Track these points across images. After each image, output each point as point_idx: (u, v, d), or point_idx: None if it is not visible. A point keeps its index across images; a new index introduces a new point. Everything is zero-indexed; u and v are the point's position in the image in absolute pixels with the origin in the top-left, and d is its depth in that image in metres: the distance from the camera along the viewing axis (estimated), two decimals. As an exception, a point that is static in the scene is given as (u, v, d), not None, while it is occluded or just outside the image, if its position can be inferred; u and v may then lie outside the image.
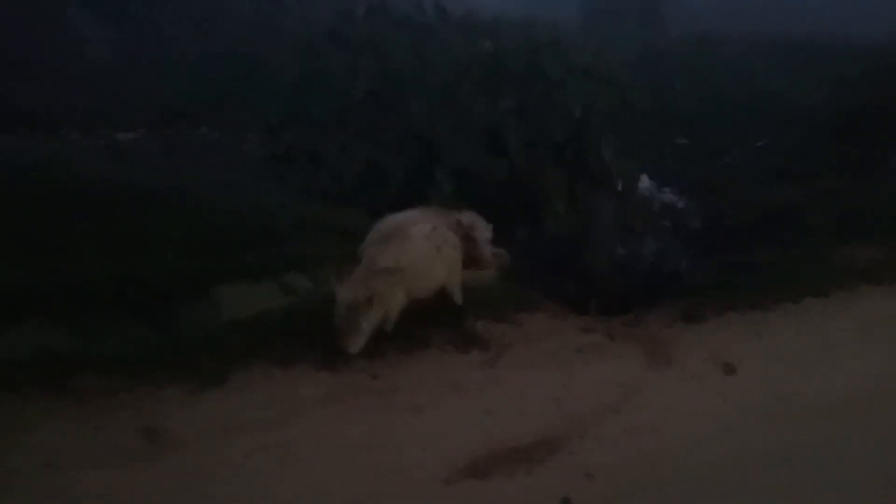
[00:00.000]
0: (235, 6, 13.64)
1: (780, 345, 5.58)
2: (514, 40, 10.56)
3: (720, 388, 4.96)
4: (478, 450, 4.23)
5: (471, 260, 5.76)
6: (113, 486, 3.83)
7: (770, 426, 4.51)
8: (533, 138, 9.65)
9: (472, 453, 4.20)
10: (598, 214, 9.10)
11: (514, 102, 9.56)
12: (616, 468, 4.08)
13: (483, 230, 5.89)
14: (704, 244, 8.74)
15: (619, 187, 9.92)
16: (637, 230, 9.33)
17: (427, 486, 3.99)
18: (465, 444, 4.29)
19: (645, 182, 10.67)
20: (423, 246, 5.28)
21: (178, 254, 6.60)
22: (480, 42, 10.50)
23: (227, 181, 8.55)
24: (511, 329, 5.76)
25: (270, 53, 11.80)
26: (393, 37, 10.83)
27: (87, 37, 12.84)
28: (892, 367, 5.19)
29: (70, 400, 4.49)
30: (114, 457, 4.04)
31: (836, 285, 6.46)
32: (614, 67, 10.75)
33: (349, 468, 4.11)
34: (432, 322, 5.56)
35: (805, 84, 13.00)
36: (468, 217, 5.92)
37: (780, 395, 4.86)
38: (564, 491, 3.90)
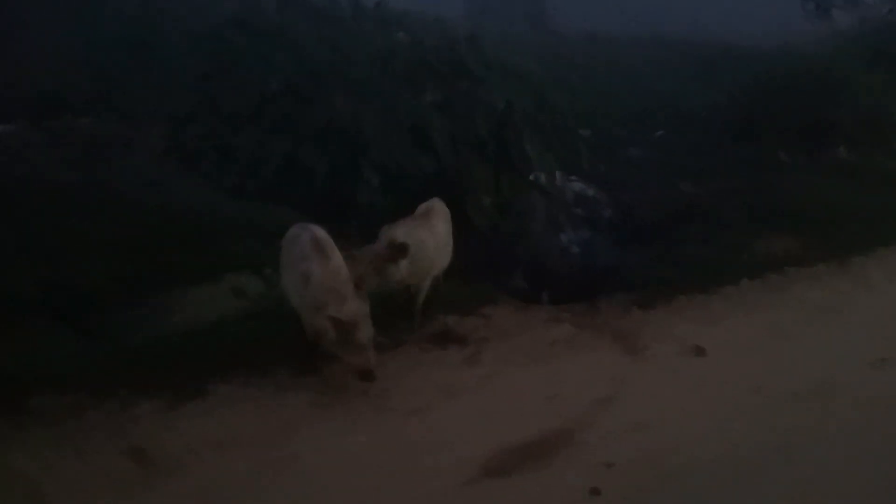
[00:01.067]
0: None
1: (735, 328, 5.85)
2: (430, 35, 10.47)
3: (699, 371, 5.12)
4: (489, 450, 4.16)
5: None
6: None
7: (758, 407, 4.71)
8: (457, 133, 9.62)
9: (484, 454, 4.12)
10: (531, 208, 9.21)
11: (439, 97, 9.49)
12: (632, 458, 4.11)
13: None
14: (621, 237, 9.00)
15: (542, 181, 10.10)
16: (559, 222, 9.50)
17: (448, 490, 3.87)
18: (474, 445, 4.20)
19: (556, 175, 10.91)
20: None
21: (109, 257, 6.07)
22: (396, 35, 10.34)
23: (142, 176, 7.91)
24: (481, 323, 5.72)
25: (171, 41, 11.05)
26: (307, 27, 10.45)
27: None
28: (843, 346, 5.57)
29: (35, 423, 3.98)
30: (105, 484, 3.62)
31: (769, 269, 6.86)
32: (528, 64, 10.92)
33: (363, 479, 3.92)
34: (394, 321, 5.41)
35: (694, 87, 13.81)
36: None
37: (753, 378, 5.08)
38: (588, 482, 3.89)
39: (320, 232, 4.68)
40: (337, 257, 4.56)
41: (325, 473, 3.95)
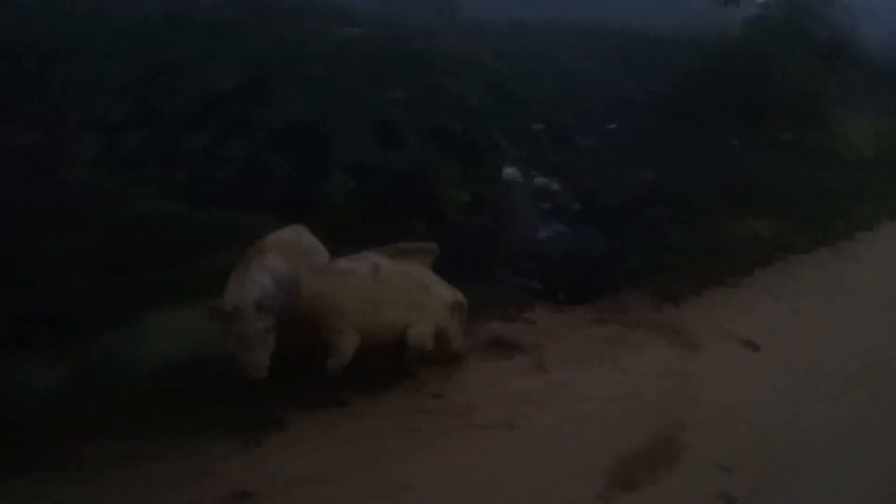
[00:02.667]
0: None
1: (767, 316, 5.94)
2: (379, 29, 10.15)
3: (755, 361, 5.15)
4: (604, 460, 3.99)
5: None
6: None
7: (823, 389, 4.77)
8: (425, 128, 9.39)
9: (601, 464, 3.95)
10: (510, 202, 9.08)
11: (403, 92, 9.21)
12: (741, 454, 4.06)
13: None
14: (605, 229, 8.98)
15: (512, 175, 10.00)
16: (539, 216, 9.42)
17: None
18: (585, 455, 4.03)
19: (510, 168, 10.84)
20: None
21: (81, 277, 5.53)
22: (347, 30, 9.96)
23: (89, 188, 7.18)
24: (529, 328, 5.53)
25: (97, 42, 10.14)
26: (253, 23, 9.89)
27: None
28: (870, 323, 5.76)
29: (97, 475, 3.54)
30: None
31: (769, 255, 7.04)
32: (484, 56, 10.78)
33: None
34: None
35: (620, 74, 14.01)
36: None
37: (805, 362, 5.17)
38: (713, 487, 3.81)
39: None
40: None
41: (447, 500, 3.66)
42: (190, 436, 3.94)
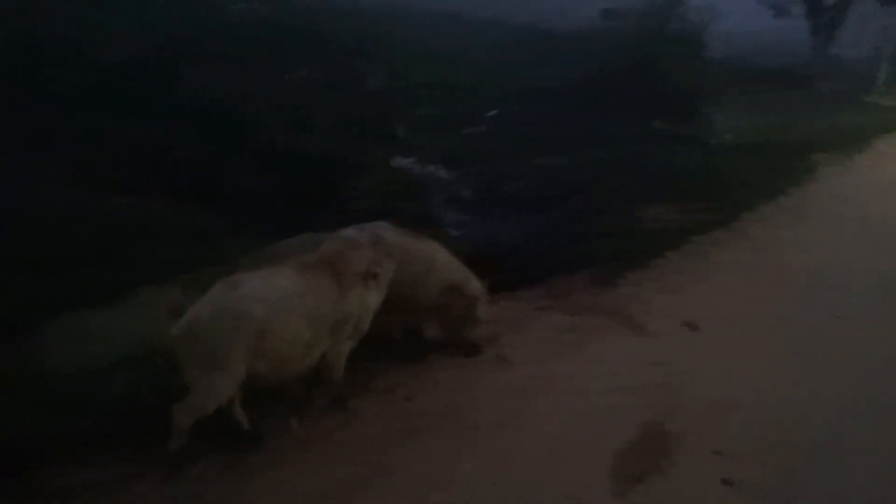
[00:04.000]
0: None
1: (695, 296, 6.16)
2: (283, 5, 9.52)
3: (710, 342, 5.29)
4: (605, 456, 3.91)
5: None
6: None
7: (775, 366, 4.99)
8: (330, 112, 8.97)
9: (604, 461, 3.87)
10: (425, 189, 8.87)
11: (318, 73, 8.71)
12: (734, 438, 4.12)
13: None
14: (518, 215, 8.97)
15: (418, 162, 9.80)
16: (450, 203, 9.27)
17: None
18: (586, 453, 3.93)
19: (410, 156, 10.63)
20: None
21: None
22: (250, 5, 9.24)
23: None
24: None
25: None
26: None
27: None
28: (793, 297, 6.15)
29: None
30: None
31: (678, 240, 7.35)
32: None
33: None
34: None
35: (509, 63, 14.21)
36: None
37: (750, 341, 5.39)
38: (712, 472, 3.85)
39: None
40: None
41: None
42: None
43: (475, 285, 4.86)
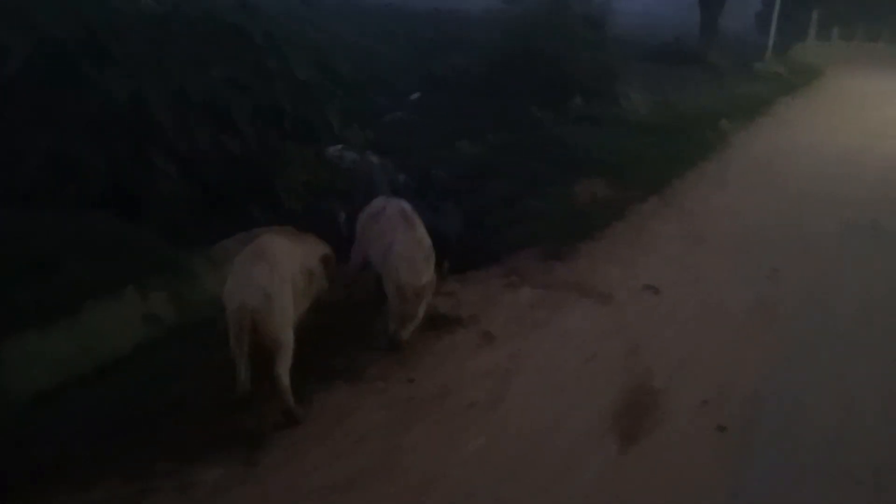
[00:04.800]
0: None
1: (648, 264, 6.48)
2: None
3: (671, 305, 5.60)
4: (598, 422, 4.11)
5: None
6: None
7: (742, 322, 5.38)
8: (254, 109, 8.76)
9: (599, 427, 4.06)
10: (346, 180, 8.85)
11: (225, 69, 8.45)
12: (715, 392, 4.41)
13: None
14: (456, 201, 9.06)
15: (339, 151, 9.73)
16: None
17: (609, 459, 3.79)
18: (581, 422, 4.10)
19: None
20: None
21: None
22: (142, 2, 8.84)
23: None
24: (452, 301, 5.49)
25: None
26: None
27: None
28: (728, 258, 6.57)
29: None
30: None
31: (620, 211, 7.68)
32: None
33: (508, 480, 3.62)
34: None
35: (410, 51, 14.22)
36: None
37: (707, 299, 5.75)
38: (704, 421, 4.12)
39: (406, 205, 5.04)
40: (421, 230, 4.82)
41: (479, 489, 3.55)
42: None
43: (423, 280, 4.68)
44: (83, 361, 4.84)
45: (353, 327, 4.92)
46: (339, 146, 9.91)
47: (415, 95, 12.45)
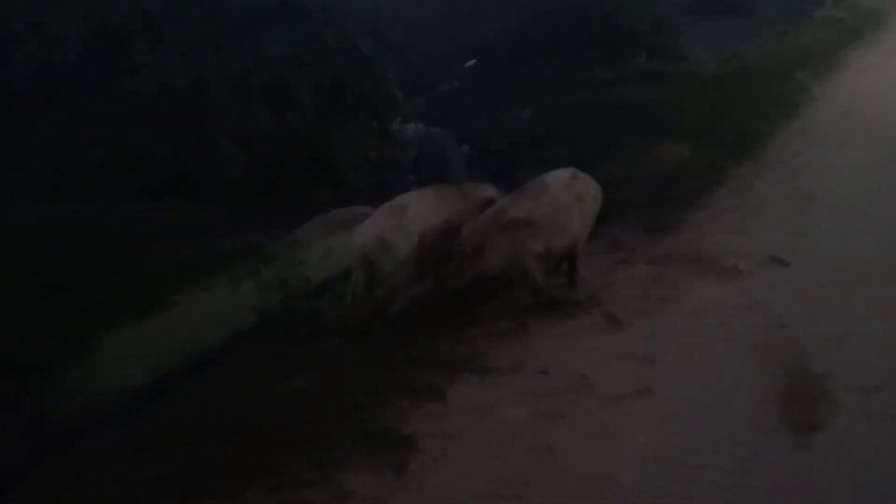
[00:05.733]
0: None
1: (756, 234, 5.97)
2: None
3: (803, 280, 5.10)
4: (759, 410, 3.70)
5: None
6: None
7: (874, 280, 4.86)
8: (314, 84, 8.42)
9: (760, 415, 3.65)
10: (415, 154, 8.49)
11: (283, 46, 8.12)
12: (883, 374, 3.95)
13: None
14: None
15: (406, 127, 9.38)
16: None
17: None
18: (738, 411, 3.71)
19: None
20: (562, 197, 4.55)
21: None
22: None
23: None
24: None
25: None
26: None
27: None
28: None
29: None
30: None
31: (720, 175, 7.15)
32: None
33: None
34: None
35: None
36: None
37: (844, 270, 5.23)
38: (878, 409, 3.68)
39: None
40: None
41: (648, 486, 3.17)
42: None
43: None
44: (179, 355, 4.72)
45: (464, 313, 4.57)
46: (398, 118, 9.56)
47: (470, 63, 11.96)
